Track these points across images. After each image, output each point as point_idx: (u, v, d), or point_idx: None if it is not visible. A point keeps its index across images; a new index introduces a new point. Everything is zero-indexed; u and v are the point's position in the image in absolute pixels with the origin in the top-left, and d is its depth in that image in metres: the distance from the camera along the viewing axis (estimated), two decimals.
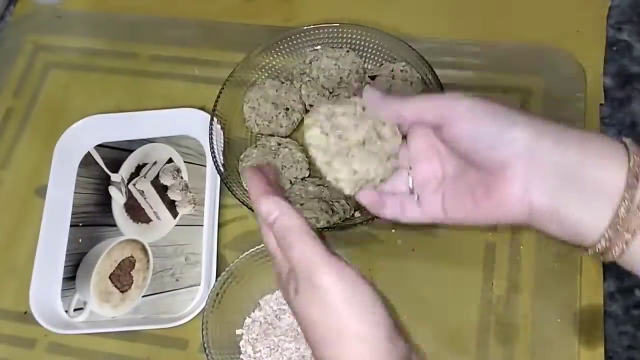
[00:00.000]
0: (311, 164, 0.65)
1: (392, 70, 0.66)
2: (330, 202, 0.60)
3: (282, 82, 0.69)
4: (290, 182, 0.63)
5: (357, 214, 0.61)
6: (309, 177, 0.65)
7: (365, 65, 0.69)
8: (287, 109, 0.66)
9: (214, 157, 0.63)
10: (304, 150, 0.66)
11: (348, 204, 0.61)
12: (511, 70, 0.68)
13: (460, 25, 0.72)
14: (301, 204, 0.59)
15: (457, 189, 0.43)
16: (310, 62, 0.69)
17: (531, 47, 0.69)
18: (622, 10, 0.71)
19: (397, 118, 0.43)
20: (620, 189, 0.36)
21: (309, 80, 0.68)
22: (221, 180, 0.63)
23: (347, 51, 0.69)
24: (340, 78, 0.68)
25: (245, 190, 0.63)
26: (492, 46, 0.70)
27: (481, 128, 0.40)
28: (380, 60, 0.68)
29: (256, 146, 0.65)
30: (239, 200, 0.61)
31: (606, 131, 0.64)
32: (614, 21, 0.70)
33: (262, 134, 0.67)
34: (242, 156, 0.65)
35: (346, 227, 0.59)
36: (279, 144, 0.65)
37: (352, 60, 0.68)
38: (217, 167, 0.62)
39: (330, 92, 0.67)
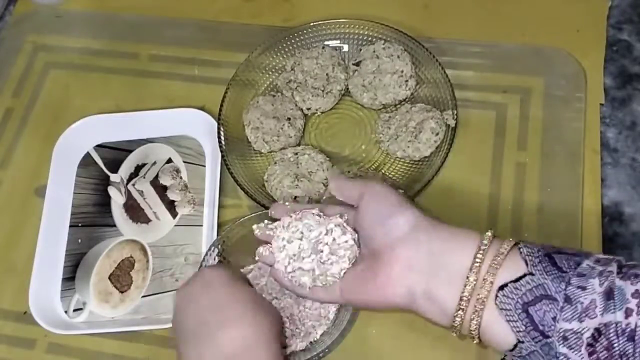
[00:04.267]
0: (331, 159, 0.65)
1: (374, 51, 0.67)
2: None
3: (274, 96, 0.69)
4: (323, 184, 0.63)
5: (399, 192, 0.61)
6: None
7: (347, 53, 0.70)
8: (289, 118, 0.66)
9: (226, 163, 0.63)
10: (322, 150, 0.66)
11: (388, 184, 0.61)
12: (511, 70, 0.68)
13: (460, 25, 0.72)
14: None
15: (354, 273, 0.50)
16: (293, 69, 0.69)
17: (531, 47, 0.69)
18: (622, 10, 0.71)
19: (341, 191, 0.52)
20: (468, 269, 0.44)
21: (298, 86, 0.68)
22: (245, 192, 0.62)
23: (323, 47, 0.69)
24: (327, 74, 0.68)
25: (246, 193, 0.63)
26: (492, 46, 0.70)
27: (378, 206, 0.48)
28: (357, 46, 0.70)
29: (275, 163, 0.65)
30: (246, 193, 0.60)
31: (606, 131, 0.64)
32: (614, 21, 0.70)
33: (273, 151, 0.67)
34: (266, 176, 0.65)
35: None
36: (296, 153, 0.65)
37: (330, 55, 0.69)
38: (231, 173, 0.63)
39: (322, 90, 0.67)
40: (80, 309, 0.64)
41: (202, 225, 0.65)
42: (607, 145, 0.64)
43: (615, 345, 0.38)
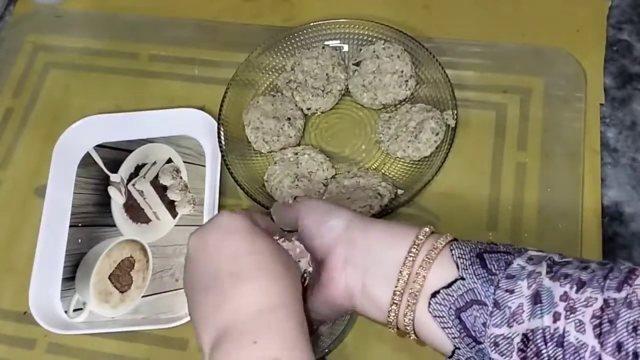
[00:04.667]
0: (331, 159, 0.65)
1: (374, 52, 0.67)
2: (374, 188, 0.61)
3: (274, 96, 0.69)
4: (323, 184, 0.64)
5: (399, 192, 0.62)
6: (336, 174, 0.65)
7: (347, 53, 0.70)
8: (289, 118, 0.66)
9: (226, 163, 0.63)
10: (322, 150, 0.66)
11: (388, 184, 0.62)
12: (511, 70, 0.68)
13: (460, 25, 0.72)
14: (348, 198, 0.60)
15: (313, 290, 0.47)
16: (293, 69, 0.69)
17: (531, 47, 0.69)
18: (622, 10, 0.71)
19: (282, 222, 0.50)
20: (402, 264, 0.42)
21: (298, 86, 0.68)
22: (245, 192, 0.62)
23: (323, 47, 0.69)
24: (327, 74, 0.68)
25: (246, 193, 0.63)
26: (492, 46, 0.70)
27: (312, 218, 0.46)
28: (357, 46, 0.70)
29: (275, 163, 0.65)
30: (246, 193, 0.60)
31: (606, 131, 0.64)
32: (614, 21, 0.70)
33: (273, 151, 0.67)
34: (266, 176, 0.65)
35: (397, 207, 0.60)
36: (296, 154, 0.65)
37: (330, 55, 0.69)
38: (231, 173, 0.63)
39: (322, 90, 0.67)
40: (80, 309, 0.64)
41: None
42: (607, 145, 0.64)
43: (544, 351, 0.37)
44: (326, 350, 0.54)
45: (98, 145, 0.71)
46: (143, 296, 0.64)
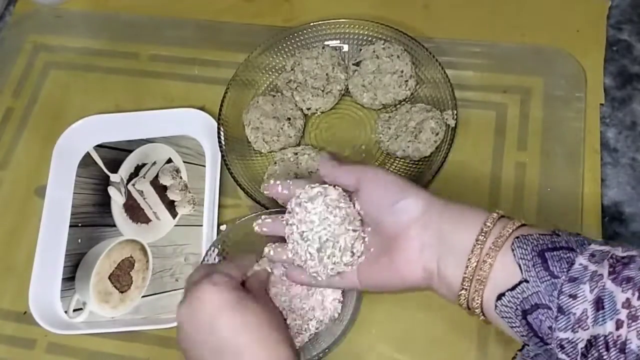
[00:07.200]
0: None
1: (374, 52, 0.67)
2: None
3: (274, 96, 0.68)
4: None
5: None
6: None
7: (347, 53, 0.70)
8: (289, 118, 0.66)
9: (226, 163, 0.63)
10: (322, 149, 0.66)
11: None
12: (511, 70, 0.68)
13: (460, 25, 0.72)
14: None
15: (369, 258, 0.50)
16: (293, 69, 0.69)
17: (531, 47, 0.69)
18: (622, 10, 0.71)
19: (335, 181, 0.51)
20: (470, 250, 0.44)
21: (298, 86, 0.68)
22: (245, 192, 0.62)
23: (323, 47, 0.69)
24: (327, 74, 0.68)
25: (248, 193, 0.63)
26: (492, 46, 0.70)
27: (383, 192, 0.48)
28: (357, 46, 0.70)
29: (275, 163, 0.65)
30: (246, 193, 0.60)
31: (606, 131, 0.64)
32: (614, 21, 0.70)
33: (273, 151, 0.67)
34: (266, 176, 0.65)
35: None
36: (296, 154, 0.65)
37: (330, 55, 0.69)
38: (231, 173, 0.63)
39: (322, 90, 0.67)
40: (80, 309, 0.64)
41: (202, 225, 0.65)
42: (607, 145, 0.64)
43: (605, 357, 0.38)
44: (326, 350, 0.54)
45: (98, 145, 0.71)
46: (143, 296, 0.64)
